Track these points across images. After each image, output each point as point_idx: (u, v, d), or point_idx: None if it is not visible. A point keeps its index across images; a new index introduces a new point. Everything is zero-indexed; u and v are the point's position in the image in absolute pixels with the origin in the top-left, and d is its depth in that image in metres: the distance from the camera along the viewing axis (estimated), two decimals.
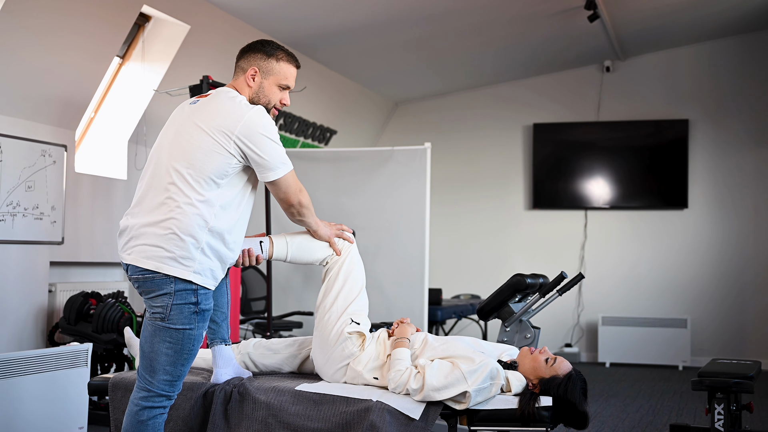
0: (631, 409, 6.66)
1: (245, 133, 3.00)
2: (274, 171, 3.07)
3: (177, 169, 3.00)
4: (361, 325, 3.43)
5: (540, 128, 10.17)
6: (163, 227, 2.97)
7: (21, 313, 5.94)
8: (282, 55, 3.24)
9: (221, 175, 3.01)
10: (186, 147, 3.02)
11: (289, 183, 3.15)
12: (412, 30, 8.12)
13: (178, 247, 2.95)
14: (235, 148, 3.00)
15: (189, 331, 2.99)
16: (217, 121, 3.02)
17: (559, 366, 3.40)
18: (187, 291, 2.98)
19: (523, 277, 4.58)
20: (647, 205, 9.85)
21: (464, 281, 10.22)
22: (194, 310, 2.99)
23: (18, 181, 5.81)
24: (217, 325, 3.47)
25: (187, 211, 2.96)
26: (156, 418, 3.03)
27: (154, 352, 3.00)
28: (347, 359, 3.40)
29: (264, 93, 3.21)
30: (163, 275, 2.96)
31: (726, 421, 4.64)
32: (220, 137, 2.99)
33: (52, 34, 5.69)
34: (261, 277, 7.66)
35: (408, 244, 6.95)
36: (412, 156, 7.03)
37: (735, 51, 9.65)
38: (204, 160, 2.99)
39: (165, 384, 3.02)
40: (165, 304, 2.97)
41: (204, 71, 6.69)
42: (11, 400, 4.58)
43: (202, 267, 2.99)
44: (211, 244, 3.01)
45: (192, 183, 2.98)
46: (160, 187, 3.01)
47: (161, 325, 2.98)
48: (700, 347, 9.48)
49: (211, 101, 3.12)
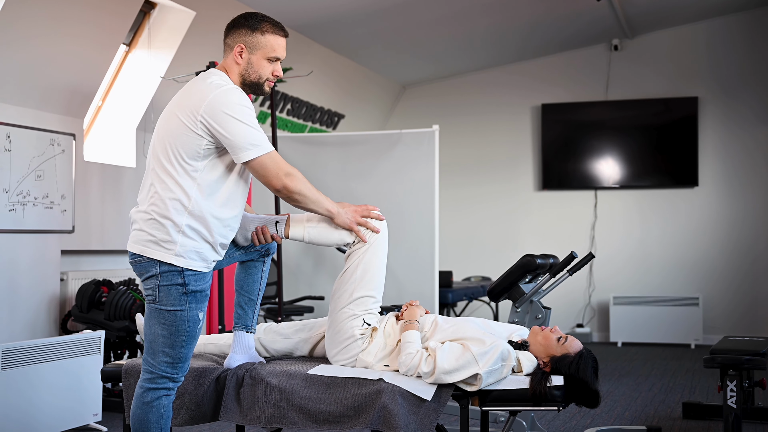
0: (643, 388, 6.66)
1: (209, 111, 2.98)
2: (244, 152, 3.01)
3: (156, 155, 3.06)
4: (373, 324, 3.41)
5: (548, 109, 10.14)
6: (146, 212, 3.04)
7: (33, 302, 5.97)
8: (267, 27, 3.15)
9: (194, 157, 3.00)
10: (162, 133, 3.07)
11: (266, 166, 3.05)
12: (419, 12, 8.09)
13: (157, 230, 3.00)
14: (203, 129, 2.99)
15: (181, 313, 3.02)
16: (187, 103, 3.03)
17: (570, 344, 3.39)
18: (172, 272, 3.00)
19: (533, 258, 4.57)
20: (657, 183, 9.82)
21: (475, 263, 10.22)
22: (182, 291, 3.01)
23: (27, 171, 5.83)
24: (243, 310, 3.46)
25: (163, 196, 3.00)
26: (161, 399, 3.05)
27: (152, 334, 3.05)
28: (356, 355, 3.40)
29: (253, 68, 3.15)
30: (147, 258, 3.02)
31: (739, 398, 4.64)
32: (187, 119, 3.00)
33: (58, 23, 5.70)
34: (272, 262, 7.67)
35: (418, 227, 6.95)
36: (421, 139, 7.02)
37: (744, 27, 9.59)
38: (174, 143, 3.01)
39: (166, 366, 3.05)
40: (153, 285, 3.02)
41: (210, 57, 6.68)
42: (26, 388, 4.61)
43: (184, 249, 3.00)
44: (193, 227, 3.01)
45: (168, 167, 3.01)
46: (148, 174, 3.09)
47: (154, 307, 3.04)
48: (712, 325, 9.47)
49: (189, 85, 3.13)
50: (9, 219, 5.71)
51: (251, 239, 3.32)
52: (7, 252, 5.72)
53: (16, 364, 4.56)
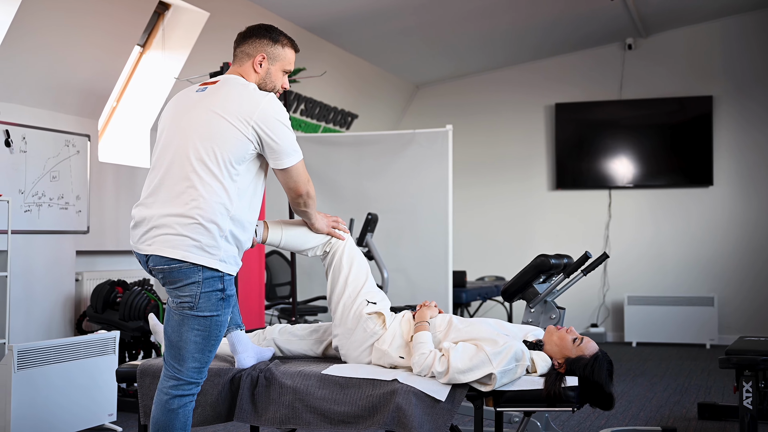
0: (658, 389, 6.63)
1: (263, 118, 3.02)
2: (288, 158, 3.08)
3: (198, 157, 2.99)
4: (378, 305, 3.45)
5: (562, 108, 10.12)
6: (186, 216, 2.96)
7: (49, 302, 6.00)
8: (286, 41, 3.26)
9: (240, 161, 3.02)
10: (205, 135, 3.01)
11: (300, 172, 3.15)
12: (432, 12, 8.08)
13: (203, 235, 2.96)
14: (253, 134, 3.01)
15: (217, 318, 3.01)
16: (235, 107, 3.03)
17: (586, 346, 3.39)
18: (215, 278, 2.99)
19: (547, 258, 4.57)
20: (672, 183, 9.79)
21: (489, 263, 10.21)
22: (221, 297, 3.01)
23: (43, 172, 5.86)
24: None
25: (210, 200, 2.96)
26: (186, 405, 3.05)
27: (182, 341, 3.01)
28: (371, 339, 3.41)
29: (270, 78, 3.23)
30: (190, 264, 2.96)
31: (755, 399, 4.61)
32: (239, 123, 3.00)
33: (72, 25, 5.72)
34: (285, 262, 7.68)
35: (431, 227, 6.95)
36: (434, 138, 7.02)
37: (759, 25, 9.54)
38: (224, 146, 2.99)
39: (194, 371, 3.04)
40: (193, 293, 2.97)
41: (224, 58, 6.69)
42: (42, 388, 4.64)
43: (226, 254, 3.01)
44: (233, 232, 3.02)
45: (214, 170, 2.98)
46: (180, 175, 3.00)
47: (190, 314, 2.98)
48: (728, 325, 9.43)
49: (224, 88, 3.12)
50: (25, 220, 5.74)
51: None
52: (22, 253, 5.74)
53: (31, 364, 4.58)
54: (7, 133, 5.61)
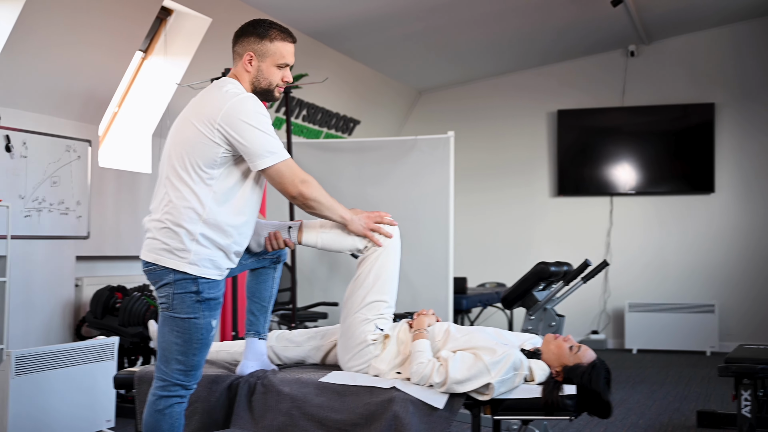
0: (658, 396, 6.62)
1: (226, 120, 3.00)
2: (261, 159, 3.03)
3: (171, 164, 3.06)
4: (386, 330, 3.40)
5: (564, 114, 10.12)
6: (159, 221, 3.04)
7: (48, 307, 6.00)
8: (275, 34, 3.18)
9: (210, 165, 3.01)
10: (177, 141, 3.08)
11: (282, 173, 3.07)
12: (435, 18, 8.09)
13: (171, 239, 3.01)
14: (220, 137, 3.00)
15: (194, 320, 3.02)
16: (203, 111, 3.04)
17: (584, 354, 3.38)
18: (186, 281, 3.01)
19: (546, 266, 4.57)
20: (674, 190, 9.78)
21: (490, 270, 10.19)
22: (196, 299, 3.02)
23: (43, 177, 5.86)
24: (255, 317, 3.47)
25: (177, 204, 3.01)
26: (173, 407, 3.06)
27: (165, 342, 3.06)
28: (369, 361, 3.39)
29: (263, 76, 3.17)
30: (161, 267, 3.02)
31: (753, 408, 4.61)
32: (204, 127, 3.01)
33: (74, 30, 5.73)
34: (286, 267, 7.67)
35: (433, 233, 6.93)
36: (436, 145, 7.01)
37: (761, 33, 9.54)
38: (192, 151, 3.02)
39: (179, 373, 3.05)
40: (167, 293, 3.03)
41: (226, 64, 6.67)
42: (40, 393, 4.63)
43: (198, 257, 3.01)
44: (207, 235, 3.02)
45: (183, 175, 3.02)
46: (161, 183, 3.10)
47: (168, 314, 3.04)
48: (728, 332, 9.41)
49: (204, 93, 3.15)
50: (25, 225, 5.74)
51: (264, 245, 3.33)
52: (22, 258, 5.74)
53: (29, 370, 4.58)
54: (7, 138, 5.61)
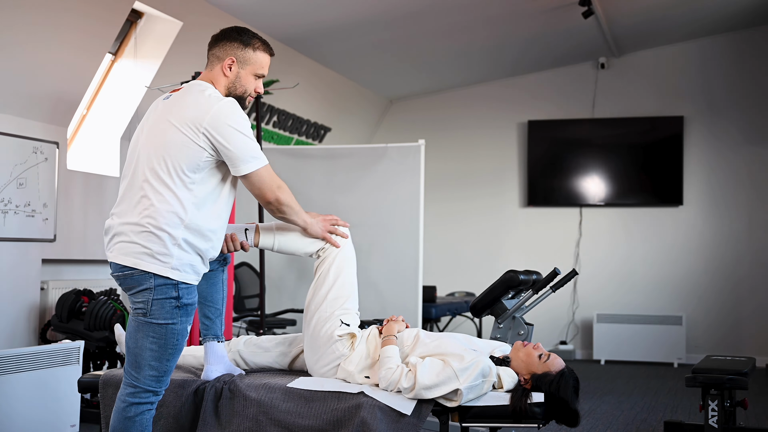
0: (625, 406, 6.65)
1: (213, 124, 2.99)
2: (245, 164, 3.04)
3: (151, 167, 3.01)
4: (351, 326, 3.41)
5: (535, 125, 10.16)
6: (138, 224, 2.98)
7: (13, 310, 5.91)
8: (258, 44, 3.23)
9: (193, 169, 2.99)
10: (158, 144, 3.03)
11: (263, 178, 3.10)
12: (405, 27, 8.10)
13: (154, 243, 2.96)
14: (205, 141, 2.99)
15: (172, 326, 2.99)
16: (186, 114, 3.02)
17: (552, 363, 3.38)
18: (167, 286, 2.97)
19: (515, 274, 4.57)
20: (642, 202, 9.85)
21: (459, 278, 10.21)
22: (176, 305, 2.99)
23: (9, 179, 5.79)
24: (210, 321, 3.45)
25: (161, 208, 2.97)
26: (143, 414, 3.02)
27: (138, 348, 3.00)
28: (338, 360, 3.38)
29: (240, 82, 3.19)
30: (141, 271, 2.96)
31: (720, 418, 4.63)
32: (188, 131, 2.99)
33: (43, 30, 5.66)
34: (254, 274, 7.63)
35: (402, 242, 6.92)
36: (406, 153, 7.00)
37: (730, 47, 9.65)
38: (175, 155, 2.99)
39: (151, 379, 3.01)
40: (146, 299, 2.97)
41: (196, 68, 6.66)
42: (3, 397, 4.57)
43: (180, 263, 2.99)
44: (189, 240, 3.00)
45: (165, 179, 2.98)
46: (137, 186, 3.03)
47: (144, 320, 2.98)
48: (695, 344, 9.48)
49: (183, 96, 3.11)
50: None
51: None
52: None
53: None
54: None
